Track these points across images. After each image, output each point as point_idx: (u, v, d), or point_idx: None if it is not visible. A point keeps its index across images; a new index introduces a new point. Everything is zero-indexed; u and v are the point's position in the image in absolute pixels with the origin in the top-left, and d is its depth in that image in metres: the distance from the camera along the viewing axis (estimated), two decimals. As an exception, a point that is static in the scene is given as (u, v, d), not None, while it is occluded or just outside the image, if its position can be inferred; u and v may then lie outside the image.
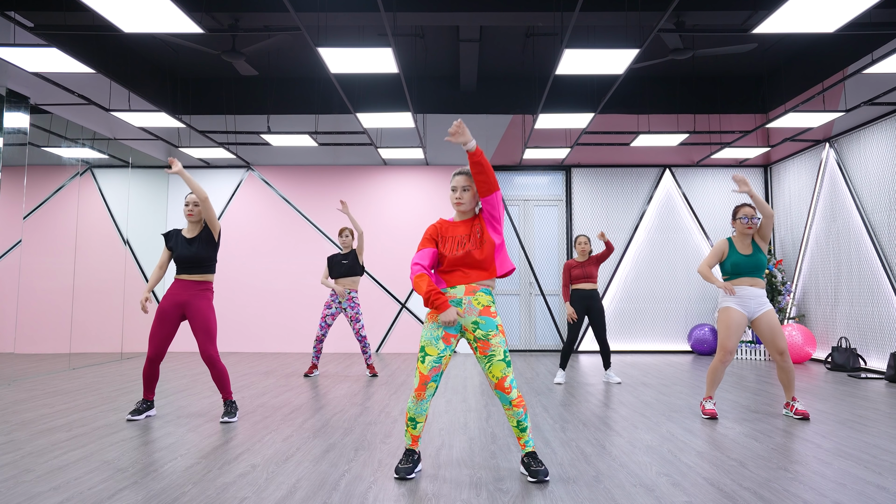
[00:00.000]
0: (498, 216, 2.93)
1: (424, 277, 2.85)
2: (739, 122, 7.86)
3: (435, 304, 2.83)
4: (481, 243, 2.92)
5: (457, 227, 3.01)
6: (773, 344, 4.28)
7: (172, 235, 4.31)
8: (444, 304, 2.84)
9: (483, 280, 2.96)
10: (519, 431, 2.95)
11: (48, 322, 7.17)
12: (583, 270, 6.03)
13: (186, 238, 4.27)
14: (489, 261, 2.94)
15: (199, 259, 4.22)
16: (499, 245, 2.96)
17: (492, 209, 2.92)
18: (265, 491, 2.74)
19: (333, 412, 4.53)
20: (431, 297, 2.83)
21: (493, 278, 2.97)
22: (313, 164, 9.29)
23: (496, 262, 2.96)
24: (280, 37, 5.46)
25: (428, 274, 2.89)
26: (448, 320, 2.83)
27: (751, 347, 8.31)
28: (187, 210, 4.27)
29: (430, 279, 2.86)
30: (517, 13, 5.35)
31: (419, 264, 2.90)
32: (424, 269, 2.90)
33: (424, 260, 2.92)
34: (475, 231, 2.96)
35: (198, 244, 4.24)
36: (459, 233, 2.98)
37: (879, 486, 2.84)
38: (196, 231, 4.30)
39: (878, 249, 6.80)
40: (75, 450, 3.42)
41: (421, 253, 2.95)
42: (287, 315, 9.08)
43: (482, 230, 2.96)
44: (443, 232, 3.02)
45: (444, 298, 2.84)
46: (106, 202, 8.08)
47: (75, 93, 5.72)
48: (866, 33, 5.82)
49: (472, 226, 2.99)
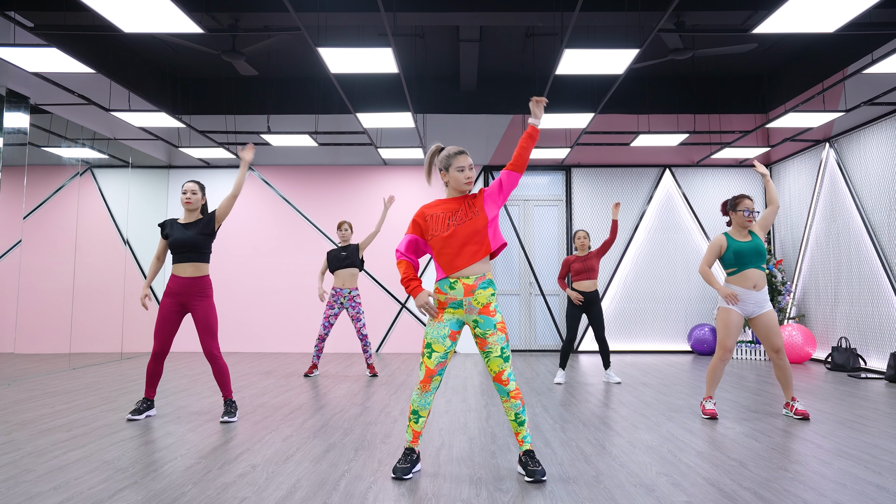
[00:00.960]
0: (507, 193, 3.05)
1: (402, 264, 3.03)
2: (739, 122, 7.86)
3: (408, 291, 2.98)
4: (473, 214, 3.00)
5: (448, 202, 3.06)
6: (769, 342, 4.28)
7: (168, 224, 4.33)
8: (416, 288, 2.96)
9: (478, 264, 2.97)
10: (517, 426, 2.96)
11: (48, 322, 7.17)
12: (583, 264, 5.96)
13: (182, 224, 4.30)
14: (480, 232, 2.98)
15: (194, 243, 4.23)
16: (492, 219, 3.04)
17: (512, 185, 3.04)
18: (265, 491, 2.74)
19: (333, 412, 4.53)
20: (404, 284, 2.99)
21: (487, 254, 2.98)
22: (313, 164, 9.29)
23: (489, 235, 3.00)
24: (280, 37, 5.46)
25: (407, 260, 3.03)
26: (420, 304, 2.95)
27: (750, 347, 8.31)
28: (185, 198, 4.28)
29: (408, 265, 3.02)
30: (517, 13, 5.35)
31: (399, 251, 3.06)
32: (404, 255, 3.04)
33: (403, 247, 3.06)
34: (466, 204, 3.02)
35: (194, 228, 4.26)
36: (451, 206, 3.03)
37: (879, 486, 2.84)
38: (193, 219, 4.33)
39: (878, 249, 6.80)
40: (75, 450, 3.42)
41: (403, 240, 3.08)
42: (287, 315, 9.08)
43: (476, 203, 3.03)
44: (430, 210, 3.06)
45: (415, 284, 2.97)
46: (106, 202, 8.08)
47: (75, 93, 5.72)
48: (866, 33, 5.82)
49: (464, 200, 3.04)
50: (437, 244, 2.99)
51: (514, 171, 3.02)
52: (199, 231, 4.26)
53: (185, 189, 4.30)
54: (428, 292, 2.98)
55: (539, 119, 3.03)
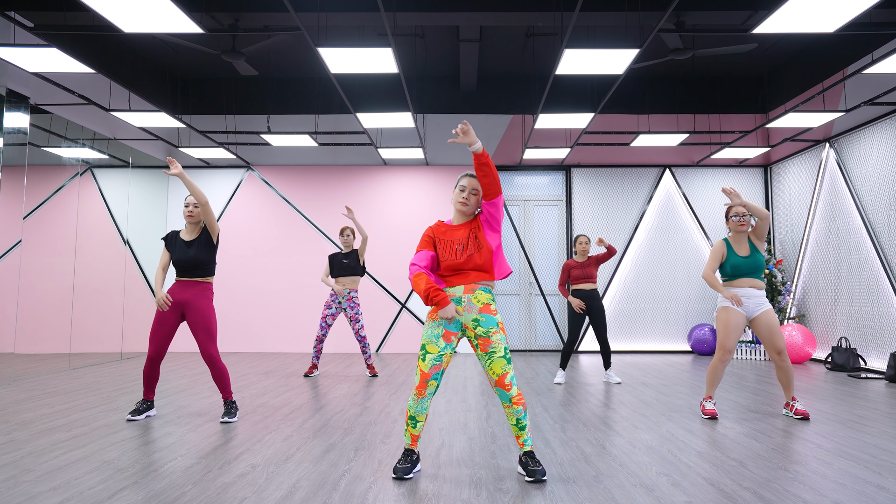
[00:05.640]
0: (499, 219, 2.97)
1: (423, 276, 2.89)
2: (739, 122, 7.86)
3: (434, 301, 2.86)
4: (479, 248, 2.95)
5: (455, 230, 3.03)
6: (771, 343, 4.29)
7: (171, 238, 4.30)
8: (444, 300, 2.87)
9: (482, 280, 2.98)
10: (518, 430, 2.95)
11: (48, 322, 7.16)
12: (582, 271, 6.01)
13: (185, 241, 4.26)
14: (488, 265, 2.98)
15: (197, 262, 4.22)
16: (496, 248, 2.99)
17: (495, 211, 2.95)
18: (265, 491, 2.74)
19: (333, 412, 4.52)
20: (430, 294, 2.86)
21: (491, 280, 3.00)
22: (313, 164, 9.28)
23: (494, 267, 2.99)
24: (280, 37, 5.46)
25: (426, 273, 2.92)
26: (447, 316, 2.86)
27: (751, 347, 8.31)
28: (187, 211, 4.26)
29: (428, 277, 2.89)
30: (517, 13, 5.35)
31: (417, 265, 2.94)
32: (422, 268, 2.93)
33: (422, 262, 2.95)
34: (472, 234, 2.98)
35: (196, 247, 4.23)
36: (458, 236, 3.00)
37: (879, 486, 2.83)
38: (195, 233, 4.30)
39: (878, 249, 6.80)
40: (75, 450, 3.42)
41: (419, 255, 2.99)
42: (287, 315, 9.08)
43: (479, 234, 2.98)
44: (440, 235, 3.04)
45: (443, 295, 2.87)
46: (106, 202, 8.07)
47: (75, 93, 5.72)
48: (866, 33, 5.82)
49: (470, 229, 3.00)
50: (445, 268, 2.99)
51: (492, 199, 2.90)
52: (200, 250, 4.23)
53: (187, 202, 4.27)
54: (455, 306, 2.91)
55: (476, 142, 2.79)
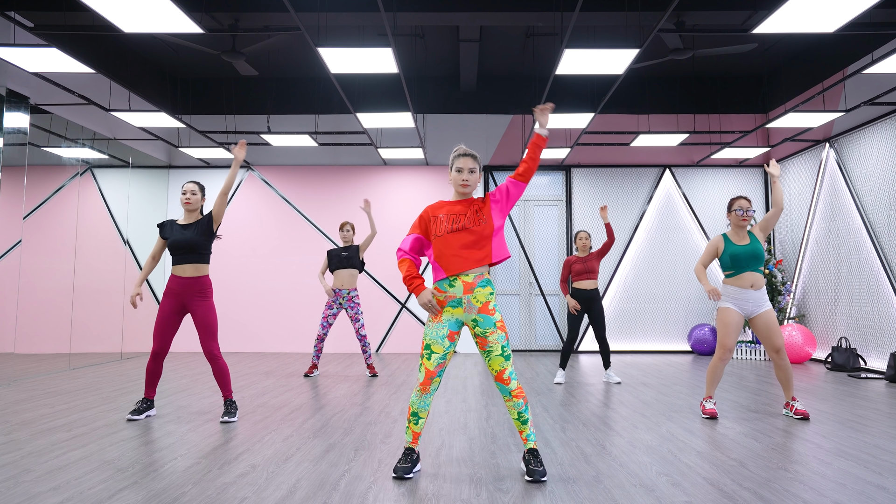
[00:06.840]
0: (513, 202, 3.05)
1: (405, 262, 3.01)
2: (739, 122, 7.86)
3: (411, 289, 2.95)
4: (479, 221, 2.97)
5: (454, 204, 3.06)
6: (770, 341, 4.29)
7: (167, 225, 4.32)
8: (420, 287, 2.94)
9: (478, 267, 2.96)
10: (520, 424, 2.96)
11: (48, 322, 7.16)
12: (584, 265, 5.98)
13: (181, 225, 4.29)
14: (485, 240, 2.96)
15: (193, 244, 4.22)
16: (498, 227, 3.01)
17: (516, 192, 3.03)
18: (265, 491, 2.74)
19: (333, 412, 4.53)
20: (406, 282, 2.96)
21: (487, 263, 2.97)
22: (313, 164, 9.29)
23: (492, 245, 2.98)
24: (280, 37, 5.46)
25: (410, 258, 3.01)
26: (423, 302, 2.93)
27: (750, 347, 8.31)
28: (185, 198, 4.28)
29: (411, 263, 3.00)
30: (517, 13, 5.35)
31: (402, 250, 3.04)
32: (406, 253, 3.02)
33: (406, 245, 3.03)
34: (473, 209, 3.00)
35: (193, 229, 4.25)
36: (456, 209, 3.02)
37: (879, 486, 2.84)
38: (192, 220, 4.33)
39: (878, 249, 6.80)
40: (75, 450, 3.42)
41: (406, 239, 3.06)
42: (287, 315, 9.08)
43: (484, 211, 3.00)
44: (435, 211, 3.05)
45: (418, 282, 2.94)
46: (106, 202, 8.07)
47: (75, 93, 5.72)
48: (866, 33, 5.82)
49: (471, 205, 3.03)
50: (439, 245, 2.98)
51: (520, 181, 3.00)
52: (198, 232, 4.25)
53: (184, 189, 4.30)
54: (430, 290, 2.96)
55: (545, 127, 2.98)
